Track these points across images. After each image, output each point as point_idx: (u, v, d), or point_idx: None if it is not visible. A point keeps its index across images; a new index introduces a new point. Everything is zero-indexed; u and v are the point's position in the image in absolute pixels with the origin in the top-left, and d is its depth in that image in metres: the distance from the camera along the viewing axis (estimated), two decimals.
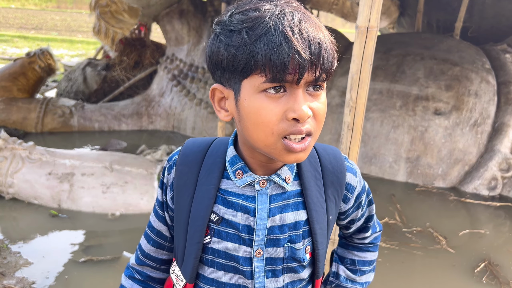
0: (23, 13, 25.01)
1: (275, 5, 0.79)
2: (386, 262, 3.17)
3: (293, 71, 0.74)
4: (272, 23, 0.75)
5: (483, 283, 2.97)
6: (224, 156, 0.93)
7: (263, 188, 0.90)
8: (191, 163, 0.95)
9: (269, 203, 0.90)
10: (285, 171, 0.91)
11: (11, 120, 5.61)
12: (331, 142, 5.12)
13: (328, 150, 1.00)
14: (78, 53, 13.18)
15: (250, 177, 0.89)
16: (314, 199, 0.93)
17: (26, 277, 2.71)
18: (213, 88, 0.86)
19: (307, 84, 0.78)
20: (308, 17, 0.79)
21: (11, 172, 3.55)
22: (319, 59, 0.76)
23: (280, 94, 0.77)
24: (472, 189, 4.52)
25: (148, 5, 6.02)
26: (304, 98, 0.78)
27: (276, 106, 0.77)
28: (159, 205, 1.01)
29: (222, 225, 0.91)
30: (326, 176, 0.96)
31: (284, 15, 0.76)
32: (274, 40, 0.74)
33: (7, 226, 3.37)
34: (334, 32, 5.06)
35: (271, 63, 0.74)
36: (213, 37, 0.83)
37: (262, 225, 0.90)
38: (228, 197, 0.91)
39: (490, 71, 5.00)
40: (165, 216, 1.01)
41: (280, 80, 0.75)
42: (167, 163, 0.99)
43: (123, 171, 3.72)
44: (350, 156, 2.09)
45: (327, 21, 13.24)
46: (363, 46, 1.87)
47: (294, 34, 0.74)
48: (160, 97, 6.36)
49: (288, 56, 0.73)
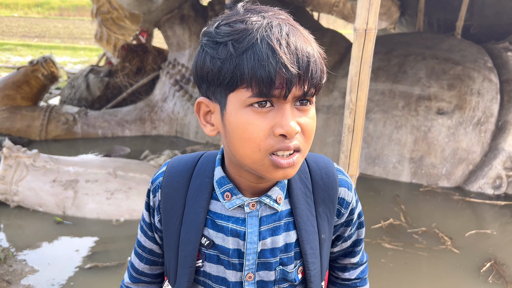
0: (26, 21, 25.18)
1: (263, 17, 0.76)
2: (390, 263, 3.16)
3: (280, 85, 0.72)
4: (259, 36, 0.72)
5: (489, 283, 2.96)
6: (211, 176, 0.89)
7: (253, 210, 0.87)
8: (177, 185, 0.91)
9: (260, 226, 0.87)
10: (276, 192, 0.87)
11: (15, 128, 5.64)
12: (334, 143, 5.11)
13: (320, 164, 0.95)
14: (80, 60, 13.24)
15: (240, 200, 0.86)
16: (304, 218, 0.90)
17: (32, 285, 2.72)
18: (199, 102, 0.83)
19: (295, 98, 0.76)
20: (296, 29, 0.77)
21: (16, 180, 3.57)
22: (307, 74, 0.73)
23: (267, 109, 0.74)
24: (476, 188, 4.50)
25: (149, 11, 6.05)
26: (292, 113, 0.75)
27: (263, 121, 0.74)
28: (147, 226, 0.98)
29: (213, 249, 0.88)
30: (316, 194, 0.92)
31: (271, 28, 0.73)
32: (261, 53, 0.71)
33: (12, 234, 3.39)
34: (335, 34, 5.01)
35: (257, 77, 0.71)
36: (199, 49, 0.80)
37: (252, 249, 0.87)
38: (217, 221, 0.88)
39: (492, 69, 4.99)
40: (155, 237, 0.98)
41: (266, 94, 0.72)
42: (151, 185, 0.95)
43: (127, 177, 3.73)
44: (351, 157, 2.09)
45: (328, 22, 13.24)
46: (362, 48, 1.87)
47: (281, 47, 0.72)
48: (162, 102, 6.38)
49: (275, 70, 0.71)
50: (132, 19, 6.83)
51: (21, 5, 30.37)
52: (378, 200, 4.30)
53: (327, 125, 5.22)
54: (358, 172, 2.21)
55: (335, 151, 5.08)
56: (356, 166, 2.16)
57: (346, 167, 2.13)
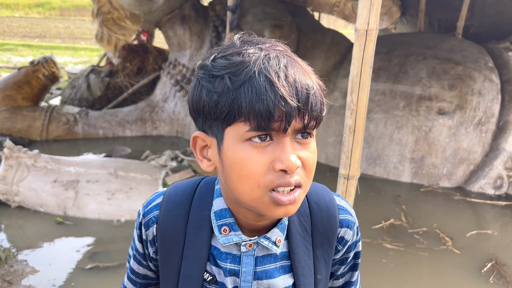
0: (27, 21, 25.19)
1: (260, 49, 0.74)
2: (391, 263, 3.16)
3: (279, 119, 0.69)
4: (256, 69, 0.70)
5: (490, 283, 2.96)
6: (210, 208, 0.86)
7: (249, 250, 0.84)
8: (176, 219, 0.87)
9: (255, 266, 0.85)
10: (275, 233, 0.84)
11: (16, 128, 5.64)
12: (335, 144, 5.11)
13: (322, 205, 0.91)
14: (81, 60, 13.25)
15: (237, 237, 0.83)
16: (302, 263, 0.87)
17: (33, 285, 2.72)
18: (195, 136, 0.80)
19: (295, 131, 0.73)
20: (294, 61, 0.75)
21: (17, 180, 3.57)
22: (307, 106, 0.71)
23: (266, 143, 0.72)
24: (477, 188, 4.50)
25: (150, 11, 6.05)
26: (292, 147, 0.72)
27: (262, 156, 0.71)
28: (141, 256, 0.94)
29: (215, 285, 0.86)
30: (315, 238, 0.89)
31: (269, 60, 0.71)
32: (259, 86, 0.69)
33: (13, 234, 3.39)
34: (336, 34, 5.00)
35: (256, 111, 0.69)
36: (196, 82, 0.78)
37: (246, 287, 0.85)
38: (217, 261, 0.85)
39: (493, 69, 4.98)
40: (149, 265, 0.95)
41: (265, 128, 0.70)
42: (143, 218, 0.90)
43: (128, 177, 3.73)
44: (352, 158, 2.09)
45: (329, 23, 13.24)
46: (363, 49, 1.87)
47: (279, 79, 0.70)
48: (163, 102, 6.38)
49: (274, 103, 0.68)
50: (133, 19, 6.83)
51: (22, 5, 30.40)
52: (379, 200, 4.30)
53: (328, 125, 5.22)
54: (359, 172, 2.21)
55: (336, 151, 5.08)
56: (357, 167, 2.16)
57: (347, 167, 2.13)
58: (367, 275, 2.98)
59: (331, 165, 5.11)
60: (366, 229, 3.60)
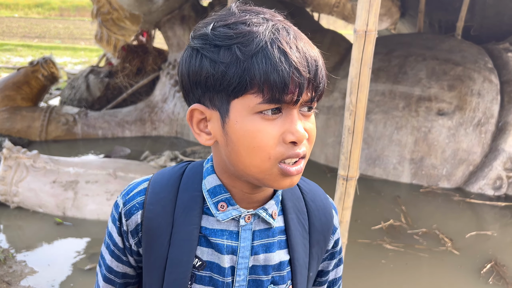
0: (27, 22, 25.19)
1: (264, 19, 0.72)
2: (390, 263, 3.16)
3: (292, 90, 0.69)
4: (267, 39, 0.69)
5: (489, 284, 2.96)
6: (201, 189, 0.83)
7: (247, 223, 0.82)
8: (164, 201, 0.83)
9: (252, 240, 0.83)
10: (272, 206, 0.83)
11: (15, 129, 5.64)
12: (334, 144, 5.11)
13: (318, 203, 0.91)
14: (81, 61, 13.25)
15: (236, 211, 0.81)
16: (300, 262, 0.86)
17: (32, 286, 2.72)
18: (192, 109, 0.77)
19: (301, 104, 0.73)
20: (300, 33, 0.74)
21: (16, 181, 3.57)
22: (316, 78, 0.72)
23: (276, 116, 0.71)
24: (477, 189, 4.50)
25: (150, 11, 6.05)
26: (299, 119, 0.73)
27: (273, 128, 0.71)
28: (120, 251, 0.88)
29: (205, 270, 0.82)
30: (312, 235, 0.89)
31: (278, 30, 0.70)
32: (273, 57, 0.67)
33: (12, 235, 3.38)
34: (336, 34, 5.00)
35: (271, 82, 0.67)
36: (191, 52, 0.75)
37: (243, 264, 0.82)
38: (211, 238, 0.81)
39: (492, 70, 4.98)
40: (129, 260, 0.88)
41: (279, 100, 0.69)
42: (123, 207, 0.85)
43: (127, 178, 3.73)
44: (351, 159, 2.09)
45: (329, 23, 13.25)
46: (362, 50, 1.87)
47: (292, 50, 0.69)
48: (163, 103, 6.38)
49: (289, 74, 0.68)
50: (133, 19, 6.83)
51: (21, 5, 30.39)
52: (379, 201, 4.30)
53: (328, 126, 5.22)
54: (358, 173, 2.21)
55: (335, 152, 5.08)
56: (356, 168, 2.16)
57: (346, 168, 2.12)
58: (366, 276, 2.98)
59: (330, 166, 5.11)
60: (365, 230, 3.60)
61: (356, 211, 0.98)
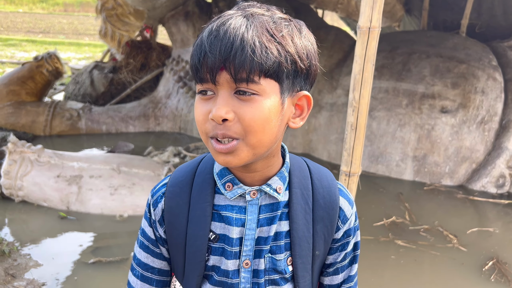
0: (31, 17, 25.22)
1: (240, 9, 0.82)
2: (391, 260, 3.17)
3: (206, 71, 0.77)
4: (210, 28, 0.79)
5: (491, 282, 2.96)
6: (212, 172, 0.93)
7: (254, 199, 0.90)
8: (182, 184, 0.94)
9: (259, 214, 0.90)
10: (276, 181, 0.90)
11: (20, 123, 5.67)
12: (337, 141, 5.12)
13: (324, 182, 0.96)
14: (85, 56, 13.27)
15: (241, 189, 0.89)
16: (300, 234, 0.91)
17: (36, 279, 2.74)
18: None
19: (229, 85, 0.78)
20: (263, 22, 0.78)
21: (21, 175, 3.59)
22: (229, 60, 0.75)
23: (209, 96, 0.81)
24: (480, 187, 4.50)
25: (154, 7, 6.05)
26: (227, 100, 0.78)
27: (204, 106, 0.81)
28: (153, 244, 0.97)
29: (219, 242, 0.91)
30: (316, 211, 0.93)
31: (227, 19, 0.78)
32: (196, 43, 0.79)
33: (17, 228, 3.41)
34: (339, 31, 4.98)
35: (190, 65, 0.81)
36: None
37: (250, 235, 0.90)
38: (223, 212, 0.91)
39: (497, 68, 4.97)
40: (162, 252, 0.98)
41: (201, 80, 0.79)
42: (151, 198, 0.96)
43: (131, 173, 3.75)
44: (354, 155, 2.10)
45: (333, 20, 13.20)
46: (365, 47, 1.88)
47: (209, 36, 0.77)
48: (166, 98, 6.40)
49: (199, 58, 0.77)
50: (137, 15, 6.83)
51: (25, 0, 30.44)
52: (381, 198, 4.30)
53: (331, 122, 5.23)
54: (360, 170, 2.21)
55: (338, 149, 5.09)
56: (359, 164, 2.17)
57: (349, 164, 2.13)
58: (367, 273, 2.99)
59: (333, 162, 5.11)
60: (367, 227, 3.61)
61: (358, 208, 1.00)
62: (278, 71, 0.78)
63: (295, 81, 0.83)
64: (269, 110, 0.79)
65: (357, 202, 2.30)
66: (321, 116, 5.32)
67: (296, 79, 0.83)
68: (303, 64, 0.82)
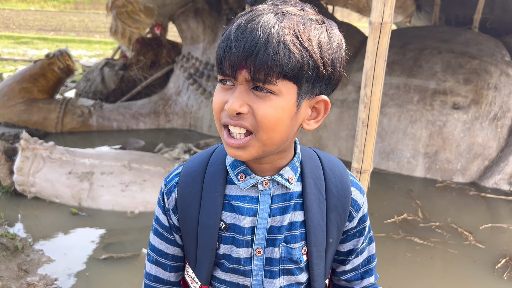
0: (42, 15, 25.42)
1: (274, 4, 0.81)
2: (402, 257, 3.15)
3: (229, 66, 0.78)
4: (238, 22, 0.79)
5: (504, 279, 2.93)
6: (224, 163, 0.94)
7: (266, 189, 0.91)
8: (194, 173, 0.96)
9: (271, 203, 0.91)
10: (287, 171, 0.91)
11: (32, 120, 5.72)
12: (348, 138, 5.09)
13: (335, 172, 0.98)
14: (96, 54, 13.35)
15: (253, 179, 0.90)
16: (315, 223, 0.93)
17: (48, 274, 2.77)
18: None
19: (248, 82, 0.79)
20: (294, 20, 0.78)
21: (33, 171, 3.63)
22: (251, 57, 0.76)
23: (228, 86, 0.82)
24: (492, 184, 4.45)
25: (164, 4, 6.07)
26: (245, 95, 0.80)
27: (222, 95, 0.83)
28: (167, 231, 1.00)
29: (229, 231, 0.92)
30: (329, 200, 0.95)
31: (258, 15, 0.78)
32: (224, 36, 0.80)
33: (30, 224, 3.45)
34: (350, 27, 4.95)
35: (215, 57, 0.82)
36: None
37: (262, 224, 0.91)
38: (234, 202, 0.92)
39: (510, 63, 4.90)
40: (175, 239, 1.00)
41: (222, 73, 0.81)
42: (165, 187, 0.98)
43: (142, 169, 3.77)
44: (365, 152, 2.09)
45: (343, 16, 13.14)
46: (377, 42, 1.86)
47: (237, 31, 0.78)
48: (176, 95, 6.41)
49: (224, 52, 0.79)
50: (147, 12, 6.85)
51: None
52: (392, 195, 4.27)
53: (341, 119, 5.20)
54: (372, 166, 2.20)
55: (349, 145, 5.06)
56: (370, 161, 2.15)
57: (360, 161, 2.12)
58: (378, 270, 2.98)
59: (344, 159, 5.09)
60: (378, 224, 3.59)
61: (370, 205, 1.00)
62: (298, 74, 0.78)
63: (315, 85, 0.83)
64: (283, 110, 0.80)
65: (367, 199, 2.29)
66: (332, 113, 5.30)
67: (317, 83, 0.83)
68: (326, 70, 0.81)
